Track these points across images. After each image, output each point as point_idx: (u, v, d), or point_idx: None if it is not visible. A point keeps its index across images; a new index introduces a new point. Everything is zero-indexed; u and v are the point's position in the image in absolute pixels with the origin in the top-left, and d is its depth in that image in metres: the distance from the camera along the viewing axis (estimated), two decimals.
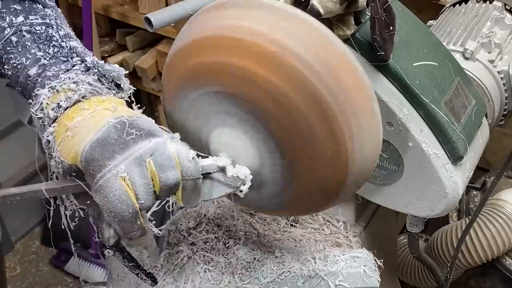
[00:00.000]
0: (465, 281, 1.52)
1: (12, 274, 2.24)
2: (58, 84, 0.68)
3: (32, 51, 0.71)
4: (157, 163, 0.64)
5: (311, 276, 0.84)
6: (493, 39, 1.08)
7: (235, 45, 0.66)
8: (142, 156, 0.63)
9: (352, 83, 0.66)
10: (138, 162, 0.63)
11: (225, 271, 0.87)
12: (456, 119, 0.85)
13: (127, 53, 2.39)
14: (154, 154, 0.64)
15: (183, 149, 0.66)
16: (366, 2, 0.79)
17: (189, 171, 0.66)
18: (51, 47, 0.72)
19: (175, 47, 0.73)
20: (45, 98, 0.68)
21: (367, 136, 0.69)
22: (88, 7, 1.98)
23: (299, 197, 0.75)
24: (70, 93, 0.68)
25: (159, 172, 0.64)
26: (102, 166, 0.63)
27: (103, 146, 0.63)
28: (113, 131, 0.64)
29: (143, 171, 0.63)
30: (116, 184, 0.62)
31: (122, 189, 0.62)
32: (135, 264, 0.79)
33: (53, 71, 0.70)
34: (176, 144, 0.66)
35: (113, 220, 0.64)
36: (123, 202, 0.63)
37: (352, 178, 0.71)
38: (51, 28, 0.73)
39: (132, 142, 0.64)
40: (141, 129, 0.65)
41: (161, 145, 0.64)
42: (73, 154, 0.65)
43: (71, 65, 0.71)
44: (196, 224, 0.98)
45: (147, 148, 0.64)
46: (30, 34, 0.72)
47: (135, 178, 0.63)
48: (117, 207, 0.63)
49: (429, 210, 0.89)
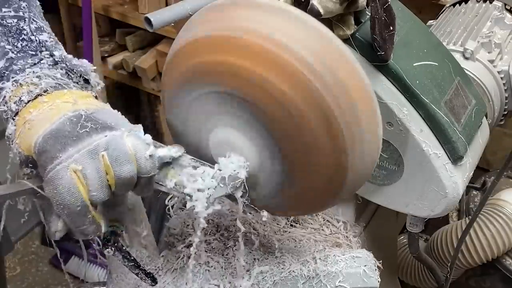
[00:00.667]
0: (465, 281, 1.52)
1: (12, 274, 2.24)
2: (22, 78, 0.69)
3: (1, 44, 0.71)
4: (111, 157, 0.63)
5: (311, 277, 0.84)
6: (493, 39, 1.08)
7: (235, 45, 0.66)
8: (95, 149, 0.63)
9: (352, 83, 0.66)
10: (91, 155, 0.63)
11: (224, 271, 0.87)
12: (456, 119, 0.85)
13: (127, 53, 2.39)
14: (108, 147, 0.64)
15: (140, 144, 0.65)
16: (366, 2, 0.79)
17: (146, 168, 0.66)
18: (20, 41, 0.72)
19: (175, 47, 0.73)
20: (8, 92, 0.69)
21: (367, 136, 0.69)
22: (88, 7, 1.98)
23: (298, 197, 0.75)
24: (32, 87, 0.68)
25: (113, 165, 0.63)
26: (53, 158, 0.63)
27: (55, 138, 0.63)
28: (67, 123, 0.64)
29: (96, 164, 0.63)
30: (66, 176, 0.62)
31: (72, 182, 0.62)
32: (135, 264, 0.79)
33: (20, 65, 0.70)
34: (133, 139, 0.65)
35: (62, 213, 0.64)
36: (72, 195, 0.62)
37: (352, 178, 0.71)
38: (22, 21, 0.73)
39: (86, 135, 0.64)
40: (98, 122, 0.65)
41: (117, 139, 0.64)
42: (28, 146, 0.65)
43: (39, 59, 0.71)
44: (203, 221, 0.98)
45: (101, 142, 0.64)
46: (1, 27, 0.72)
47: (87, 171, 0.63)
48: (66, 199, 0.63)
49: (429, 210, 0.89)
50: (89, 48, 2.03)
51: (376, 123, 0.69)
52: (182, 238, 0.95)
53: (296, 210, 0.83)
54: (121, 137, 0.65)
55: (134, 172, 0.65)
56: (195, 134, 0.77)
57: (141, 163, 0.65)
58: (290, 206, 0.79)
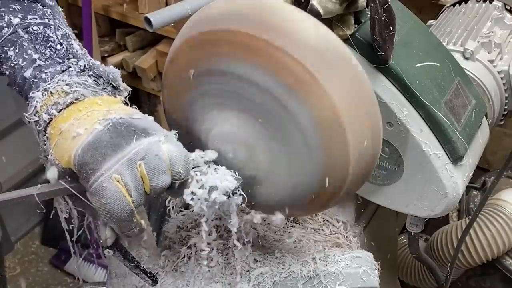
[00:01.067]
0: (465, 281, 1.52)
1: (12, 274, 2.24)
2: (52, 86, 0.69)
3: (28, 51, 0.71)
4: (148, 167, 0.64)
5: (311, 277, 0.84)
6: (493, 39, 1.08)
7: (236, 44, 0.66)
8: (134, 158, 0.64)
9: (352, 83, 0.66)
10: (130, 164, 0.63)
11: (224, 271, 0.87)
12: (456, 119, 0.85)
13: (127, 53, 2.39)
14: (145, 156, 0.64)
15: (176, 150, 0.66)
16: (366, 2, 0.79)
17: (180, 174, 0.67)
18: (48, 48, 0.72)
19: (176, 47, 0.73)
20: (39, 101, 0.68)
21: (367, 137, 0.69)
22: (88, 7, 1.98)
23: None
24: (64, 95, 0.68)
25: (150, 176, 0.64)
26: (94, 170, 0.63)
27: (94, 149, 0.63)
28: (104, 133, 0.64)
29: (134, 173, 0.64)
30: (110, 186, 0.63)
31: (118, 191, 0.63)
32: (135, 264, 0.79)
33: (48, 72, 0.70)
34: (169, 145, 0.66)
35: (111, 221, 0.65)
36: (119, 203, 0.63)
37: (352, 179, 0.71)
38: (48, 28, 0.73)
39: (124, 144, 0.64)
40: (134, 129, 0.65)
41: (153, 147, 0.65)
42: (67, 158, 0.65)
43: (67, 66, 0.71)
44: (197, 224, 0.98)
45: (139, 150, 0.64)
46: (27, 34, 0.72)
47: (127, 180, 0.63)
48: (114, 208, 0.63)
49: (429, 210, 0.89)
50: (89, 48, 2.03)
51: (376, 123, 0.69)
52: (179, 240, 0.95)
53: (297, 210, 0.83)
54: (157, 144, 0.65)
55: (168, 181, 0.66)
56: (195, 134, 0.77)
57: (176, 169, 0.66)
58: (291, 206, 0.79)
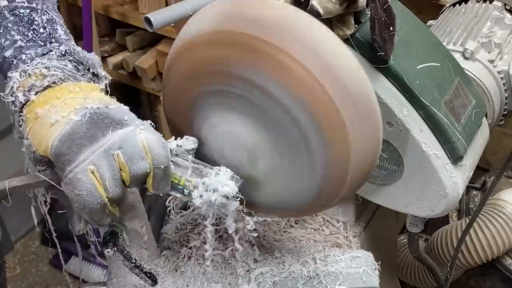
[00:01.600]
0: (465, 281, 1.52)
1: (12, 274, 2.24)
2: (30, 68, 0.69)
3: (11, 32, 0.71)
4: (126, 155, 0.65)
5: (311, 277, 0.84)
6: (493, 39, 1.08)
7: (236, 43, 0.66)
8: (110, 148, 0.64)
9: (352, 83, 0.66)
10: (106, 155, 0.64)
11: (224, 271, 0.87)
12: (456, 119, 0.85)
13: (127, 53, 2.39)
14: (123, 146, 0.64)
15: (153, 137, 0.67)
16: (366, 2, 0.79)
17: (159, 160, 0.67)
18: (31, 31, 0.72)
19: (176, 46, 0.73)
20: (16, 82, 0.69)
21: (367, 137, 0.69)
22: (88, 7, 1.98)
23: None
24: (41, 78, 0.68)
25: (128, 163, 0.65)
26: (70, 161, 0.64)
27: (71, 140, 0.64)
28: (82, 123, 0.65)
29: (111, 164, 0.64)
30: (84, 178, 0.63)
31: (91, 183, 0.64)
32: (135, 264, 0.79)
33: (28, 54, 0.70)
34: (146, 133, 0.66)
35: (83, 211, 0.66)
36: (92, 195, 0.64)
37: (352, 179, 0.71)
38: (35, 12, 0.74)
39: (100, 135, 0.64)
40: (110, 118, 0.66)
41: (130, 135, 0.65)
42: (44, 147, 0.66)
43: (48, 50, 0.71)
44: (196, 224, 0.98)
45: (115, 140, 0.64)
46: (13, 17, 0.72)
47: (103, 170, 0.64)
48: (86, 200, 0.64)
49: (429, 210, 0.89)
50: (89, 48, 2.03)
51: (376, 123, 0.69)
52: (179, 240, 0.95)
53: (297, 210, 0.83)
54: (134, 133, 0.65)
55: (147, 167, 0.66)
56: (195, 134, 0.77)
57: (155, 155, 0.66)
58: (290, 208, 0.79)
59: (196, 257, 0.90)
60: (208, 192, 0.70)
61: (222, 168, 0.73)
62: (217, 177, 0.71)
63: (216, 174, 0.72)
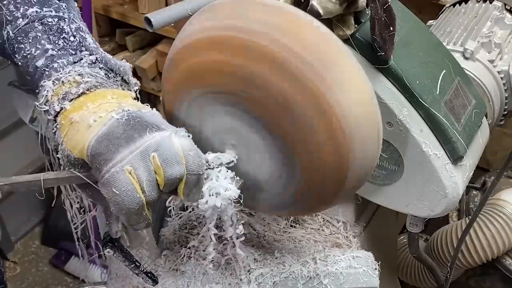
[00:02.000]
0: (465, 281, 1.52)
1: (12, 274, 2.24)
2: (63, 76, 0.69)
3: (42, 42, 0.71)
4: (162, 158, 0.64)
5: (311, 277, 0.84)
6: (493, 39, 1.08)
7: (235, 45, 0.66)
8: (147, 150, 0.64)
9: (352, 84, 0.66)
10: (143, 156, 0.63)
11: (224, 272, 0.87)
12: (456, 119, 0.85)
13: (127, 53, 2.39)
14: (159, 148, 0.64)
15: (188, 143, 0.66)
16: (366, 2, 0.79)
17: (193, 166, 0.66)
18: (61, 39, 0.72)
19: (175, 47, 0.73)
20: (50, 91, 0.69)
21: (367, 137, 0.69)
22: (88, 7, 1.98)
23: (299, 197, 0.75)
24: (75, 85, 0.68)
25: (164, 166, 0.64)
26: (107, 160, 0.63)
27: (108, 140, 0.63)
28: (118, 125, 0.64)
29: (148, 166, 0.64)
30: (122, 178, 0.62)
31: (129, 183, 0.63)
32: (135, 264, 0.79)
33: (60, 63, 0.70)
34: (181, 139, 0.66)
35: (120, 212, 0.65)
36: (130, 196, 0.63)
37: (352, 178, 0.71)
38: (63, 21, 0.74)
39: (138, 136, 0.64)
40: (146, 122, 0.66)
41: (166, 140, 0.65)
42: (80, 148, 0.65)
43: (79, 58, 0.72)
44: (196, 224, 0.98)
45: (152, 142, 0.64)
46: (42, 26, 0.72)
47: (140, 172, 0.63)
48: (124, 201, 0.63)
49: (429, 210, 0.89)
50: None
51: (376, 124, 0.69)
52: (179, 241, 0.95)
53: (297, 210, 0.83)
54: (169, 138, 0.65)
55: (183, 172, 0.65)
56: (195, 134, 0.77)
57: (189, 161, 0.66)
58: (290, 206, 0.79)
59: (196, 257, 0.90)
60: (212, 196, 0.70)
61: (222, 168, 0.73)
62: (218, 180, 0.71)
63: (217, 177, 0.72)
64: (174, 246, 0.94)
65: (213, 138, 0.76)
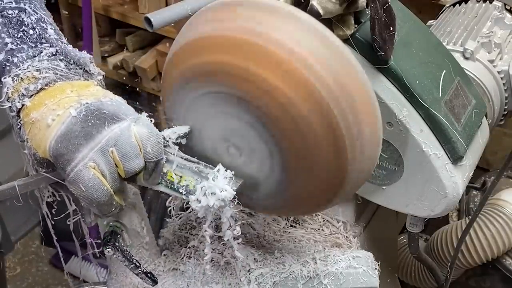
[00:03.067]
0: (465, 281, 1.52)
1: (12, 274, 2.24)
2: (22, 72, 0.69)
3: (2, 35, 0.71)
4: (121, 153, 0.66)
5: (311, 277, 0.84)
6: (493, 39, 1.08)
7: (235, 46, 0.66)
8: (106, 145, 0.65)
9: (353, 84, 0.66)
10: (103, 152, 0.65)
11: (224, 272, 0.87)
12: (456, 119, 0.85)
13: (127, 53, 2.39)
14: (117, 143, 0.65)
15: (146, 132, 0.67)
16: (366, 2, 0.79)
17: (152, 154, 0.68)
18: (21, 32, 0.72)
19: (176, 47, 0.73)
20: (10, 87, 0.69)
21: (367, 137, 0.69)
22: (88, 7, 1.98)
23: (298, 197, 0.75)
24: (34, 81, 0.69)
25: (123, 161, 0.66)
26: (69, 160, 0.65)
27: (67, 140, 0.65)
28: (76, 122, 0.65)
29: (108, 160, 0.66)
30: (87, 174, 0.65)
31: (94, 178, 0.65)
32: (135, 264, 0.79)
33: (20, 57, 0.70)
34: (139, 127, 0.67)
35: (91, 206, 0.67)
36: (98, 190, 0.65)
37: (352, 179, 0.71)
38: (23, 13, 0.74)
39: (96, 132, 0.65)
40: (104, 114, 0.66)
41: (125, 132, 0.66)
42: (42, 148, 0.67)
43: (39, 51, 0.72)
44: (196, 225, 0.98)
45: (110, 137, 0.65)
46: (2, 18, 0.72)
47: (102, 167, 0.65)
48: (93, 195, 0.66)
49: (429, 210, 0.89)
50: (89, 48, 2.03)
51: (376, 124, 0.69)
52: (179, 241, 0.95)
53: (297, 210, 0.83)
54: (128, 129, 0.66)
55: (141, 164, 0.68)
56: (195, 134, 0.77)
57: (148, 149, 0.67)
58: (290, 206, 0.79)
59: (196, 257, 0.90)
60: (206, 196, 0.70)
61: (221, 168, 0.73)
62: (215, 180, 0.71)
63: (214, 177, 0.72)
64: (174, 246, 0.94)
65: (214, 138, 0.76)
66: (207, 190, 0.71)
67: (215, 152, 0.76)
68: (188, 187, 0.72)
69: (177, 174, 0.72)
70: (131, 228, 0.83)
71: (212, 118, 0.74)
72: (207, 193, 0.71)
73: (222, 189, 0.71)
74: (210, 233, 0.76)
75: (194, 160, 0.74)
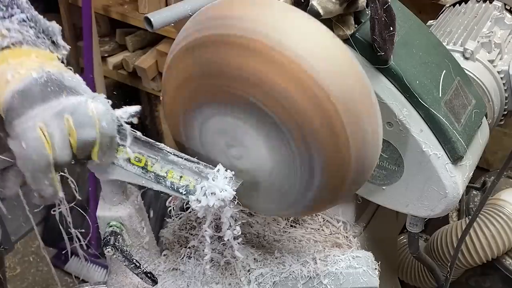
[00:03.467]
0: (465, 281, 1.52)
1: (12, 274, 2.24)
2: None
3: None
4: (77, 121, 0.65)
5: (311, 277, 0.84)
6: (493, 39, 1.08)
7: (236, 46, 0.66)
8: (61, 111, 0.64)
9: (354, 85, 0.66)
10: (57, 116, 0.64)
11: (224, 272, 0.87)
12: (456, 119, 0.85)
13: (127, 53, 2.39)
14: (74, 112, 0.65)
15: (103, 108, 0.67)
16: (366, 2, 0.79)
17: (107, 129, 0.67)
18: None
19: (175, 47, 0.73)
20: None
21: (367, 137, 0.69)
22: (88, 7, 1.98)
23: (299, 198, 0.75)
24: (1, 38, 0.69)
25: (77, 129, 0.65)
26: (20, 115, 0.63)
27: (23, 97, 0.64)
28: (36, 83, 0.65)
29: (61, 125, 0.64)
30: (32, 133, 0.63)
31: (38, 139, 0.63)
32: (135, 264, 0.79)
33: None
34: (96, 103, 0.67)
35: (25, 168, 0.64)
36: (38, 152, 0.63)
37: (352, 178, 0.71)
38: None
39: (53, 97, 0.65)
40: (64, 86, 0.66)
41: (82, 104, 0.65)
42: None
43: (10, 14, 0.71)
44: (196, 225, 0.98)
45: (67, 105, 0.65)
46: None
47: (53, 129, 0.63)
48: (32, 156, 0.63)
49: (429, 210, 0.89)
50: (89, 48, 2.02)
51: (376, 124, 0.69)
52: (179, 241, 0.95)
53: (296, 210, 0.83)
54: (85, 102, 0.66)
55: (95, 135, 0.66)
56: (195, 134, 0.77)
57: (103, 124, 0.66)
58: (289, 207, 0.79)
59: (196, 257, 0.90)
60: (206, 196, 0.70)
61: (221, 168, 0.73)
62: (215, 180, 0.71)
63: (214, 177, 0.72)
64: (174, 246, 0.94)
65: (214, 137, 0.76)
66: (207, 190, 0.71)
67: (213, 149, 0.76)
68: (188, 187, 0.72)
69: (177, 174, 0.72)
70: (131, 228, 0.83)
71: (214, 117, 0.74)
72: (207, 193, 0.71)
73: (222, 189, 0.71)
74: (210, 233, 0.76)
75: (194, 160, 0.74)
